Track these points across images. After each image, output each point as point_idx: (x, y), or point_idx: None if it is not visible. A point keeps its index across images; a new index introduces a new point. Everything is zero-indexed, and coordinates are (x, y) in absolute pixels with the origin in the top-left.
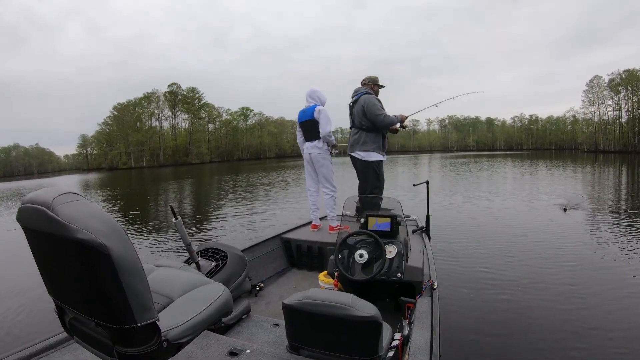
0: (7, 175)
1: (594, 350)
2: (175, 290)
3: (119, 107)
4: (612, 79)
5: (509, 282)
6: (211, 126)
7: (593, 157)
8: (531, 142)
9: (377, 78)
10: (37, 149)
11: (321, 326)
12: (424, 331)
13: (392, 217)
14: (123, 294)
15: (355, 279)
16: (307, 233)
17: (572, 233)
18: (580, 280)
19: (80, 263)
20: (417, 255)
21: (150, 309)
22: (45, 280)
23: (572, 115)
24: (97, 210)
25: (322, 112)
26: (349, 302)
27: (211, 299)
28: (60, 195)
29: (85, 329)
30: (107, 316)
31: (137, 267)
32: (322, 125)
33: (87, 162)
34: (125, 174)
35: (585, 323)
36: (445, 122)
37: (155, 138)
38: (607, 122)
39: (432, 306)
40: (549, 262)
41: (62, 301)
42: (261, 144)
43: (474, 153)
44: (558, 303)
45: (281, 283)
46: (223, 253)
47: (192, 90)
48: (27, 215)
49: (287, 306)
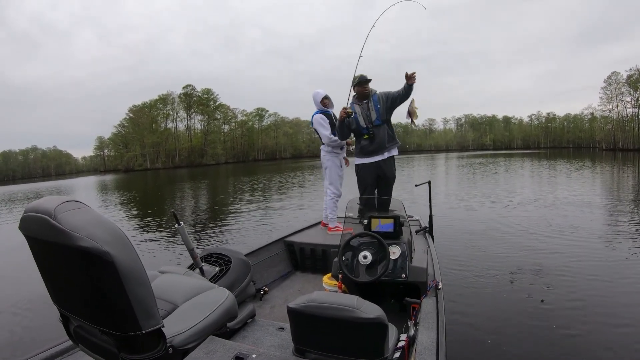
0: (25, 177)
1: (605, 350)
2: (180, 296)
3: (134, 109)
4: (631, 75)
5: (514, 281)
6: (226, 127)
7: (612, 155)
8: (549, 141)
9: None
10: (55, 151)
11: (327, 329)
12: (429, 332)
13: (395, 217)
14: (127, 301)
15: (360, 280)
16: (310, 236)
17: (582, 232)
18: (591, 279)
19: (84, 271)
20: (421, 255)
21: (155, 316)
22: (49, 288)
23: (590, 113)
24: (100, 217)
25: (315, 121)
26: (354, 304)
27: (216, 304)
28: (63, 204)
29: (90, 337)
30: (111, 323)
31: (141, 273)
32: (320, 133)
33: (104, 164)
34: (140, 176)
35: (595, 324)
36: (462, 121)
37: (170, 139)
38: (626, 119)
39: (437, 306)
40: (556, 261)
41: (66, 309)
42: (277, 144)
43: (490, 152)
44: (566, 303)
45: (285, 286)
46: (227, 258)
47: (207, 91)
48: (30, 224)
49: (292, 309)
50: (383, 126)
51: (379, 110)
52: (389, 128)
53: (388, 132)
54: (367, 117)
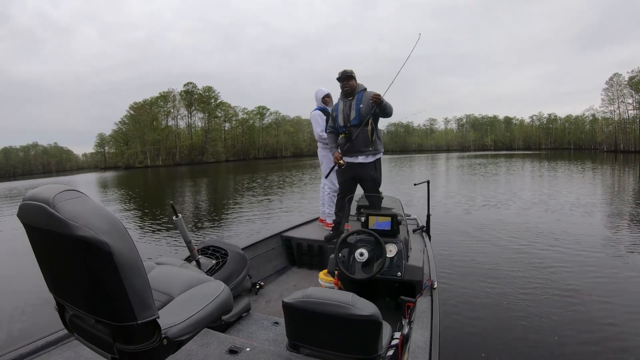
0: (25, 174)
1: (597, 351)
2: (176, 288)
3: (135, 107)
4: (633, 77)
5: (509, 281)
6: (227, 125)
7: (613, 157)
8: (550, 142)
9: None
10: (56, 148)
11: (321, 325)
12: (423, 330)
13: (393, 216)
14: (123, 291)
15: (356, 277)
16: (308, 231)
17: (578, 234)
18: (585, 280)
19: (81, 260)
20: (417, 254)
21: (151, 307)
22: (45, 277)
23: (592, 114)
24: (98, 207)
25: (312, 117)
26: (349, 300)
27: (211, 297)
28: (61, 193)
29: (85, 326)
30: (107, 313)
31: (137, 264)
32: (313, 129)
33: (105, 161)
34: (140, 173)
35: (588, 323)
36: (463, 121)
37: (171, 137)
38: (627, 121)
39: (432, 305)
40: (551, 261)
41: (62, 298)
42: (277, 142)
43: (491, 152)
44: (560, 302)
45: (281, 281)
46: (223, 251)
47: (208, 89)
48: (28, 213)
49: (287, 304)
50: (362, 128)
51: (359, 110)
52: (372, 131)
53: (367, 135)
54: (347, 116)
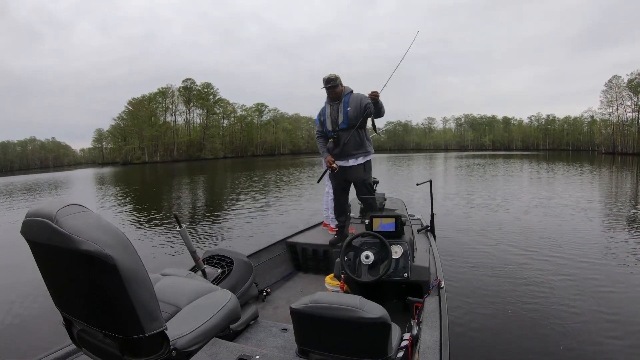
0: (23, 169)
1: (608, 350)
2: (182, 299)
3: (133, 102)
4: (632, 79)
5: (516, 278)
6: (225, 122)
7: (611, 159)
8: (548, 143)
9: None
10: (53, 143)
11: (330, 329)
12: (433, 330)
13: (397, 217)
14: (130, 304)
15: (362, 280)
16: (312, 236)
17: (582, 234)
18: (594, 278)
19: (86, 275)
20: (423, 254)
21: (158, 318)
22: (51, 292)
23: (590, 116)
24: (102, 221)
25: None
26: (357, 304)
27: (218, 306)
28: (64, 208)
29: (93, 340)
30: (114, 327)
31: (143, 276)
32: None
33: (102, 156)
34: (138, 169)
35: (600, 323)
36: (462, 121)
37: (169, 133)
38: (626, 123)
39: (440, 305)
40: (559, 259)
41: (69, 313)
42: (276, 140)
43: (489, 152)
44: (569, 300)
45: (288, 287)
46: (229, 259)
47: (206, 85)
48: (32, 229)
49: (294, 310)
50: (350, 131)
51: (347, 113)
52: (360, 134)
53: (356, 138)
54: (335, 120)
